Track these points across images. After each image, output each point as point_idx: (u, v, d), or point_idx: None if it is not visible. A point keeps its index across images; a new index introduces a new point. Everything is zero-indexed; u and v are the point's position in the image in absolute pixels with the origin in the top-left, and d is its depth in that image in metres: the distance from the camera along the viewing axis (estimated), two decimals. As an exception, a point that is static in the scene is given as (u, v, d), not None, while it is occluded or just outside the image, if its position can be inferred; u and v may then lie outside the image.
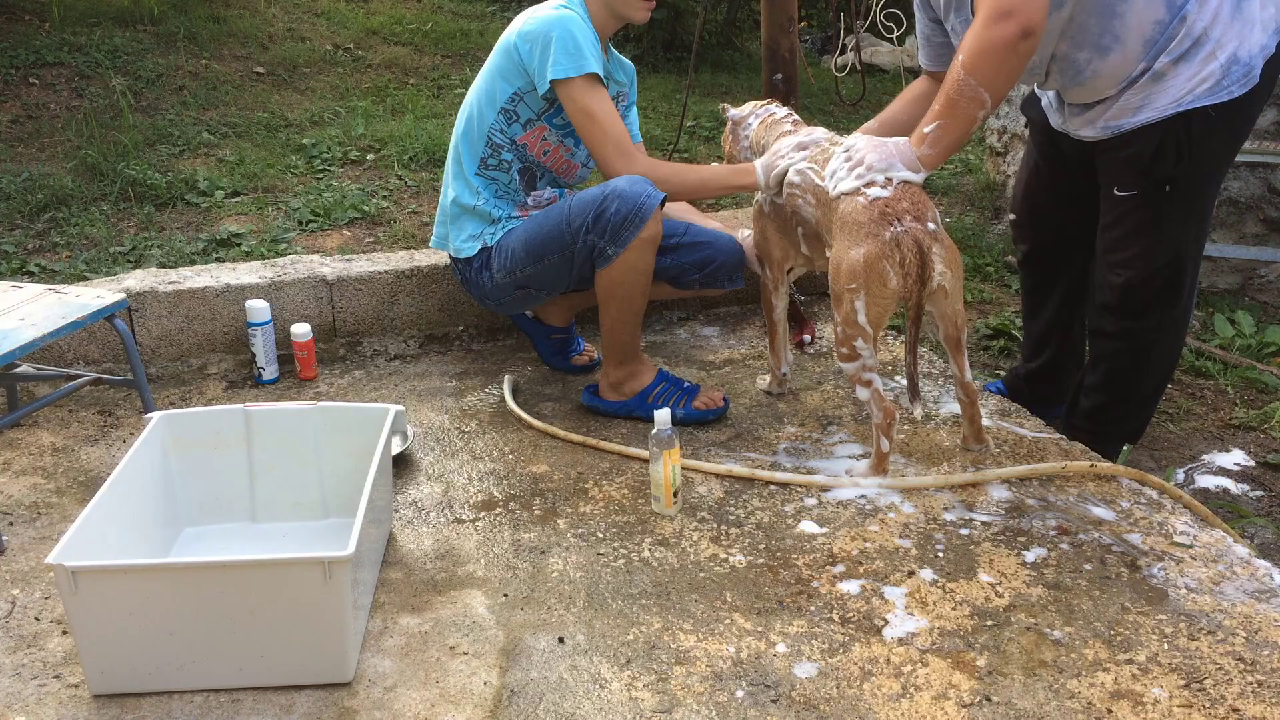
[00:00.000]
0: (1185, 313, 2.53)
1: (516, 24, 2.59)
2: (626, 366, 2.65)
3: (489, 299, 2.75)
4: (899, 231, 2.17)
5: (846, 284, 2.22)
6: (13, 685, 1.78)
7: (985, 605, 1.93)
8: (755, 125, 2.72)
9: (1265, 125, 3.81)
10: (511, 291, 2.69)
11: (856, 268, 2.20)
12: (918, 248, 2.17)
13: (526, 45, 2.52)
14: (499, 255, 2.66)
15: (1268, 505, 2.58)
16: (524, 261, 2.62)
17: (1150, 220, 2.41)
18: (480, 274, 2.70)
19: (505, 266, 2.65)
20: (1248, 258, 3.81)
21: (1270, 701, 1.68)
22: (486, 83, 2.64)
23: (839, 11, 4.89)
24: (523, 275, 2.64)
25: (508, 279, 2.66)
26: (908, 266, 2.17)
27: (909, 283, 2.18)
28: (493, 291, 2.71)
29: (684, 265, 2.69)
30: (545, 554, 2.12)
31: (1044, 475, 2.34)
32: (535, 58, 2.51)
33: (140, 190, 4.18)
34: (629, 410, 2.65)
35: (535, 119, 2.62)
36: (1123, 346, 2.54)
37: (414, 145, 4.76)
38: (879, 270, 2.18)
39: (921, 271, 2.18)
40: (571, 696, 1.73)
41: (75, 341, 2.90)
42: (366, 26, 6.88)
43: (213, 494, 2.19)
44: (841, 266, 2.23)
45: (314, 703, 1.73)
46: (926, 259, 2.17)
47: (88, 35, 5.89)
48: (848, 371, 2.31)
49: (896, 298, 2.22)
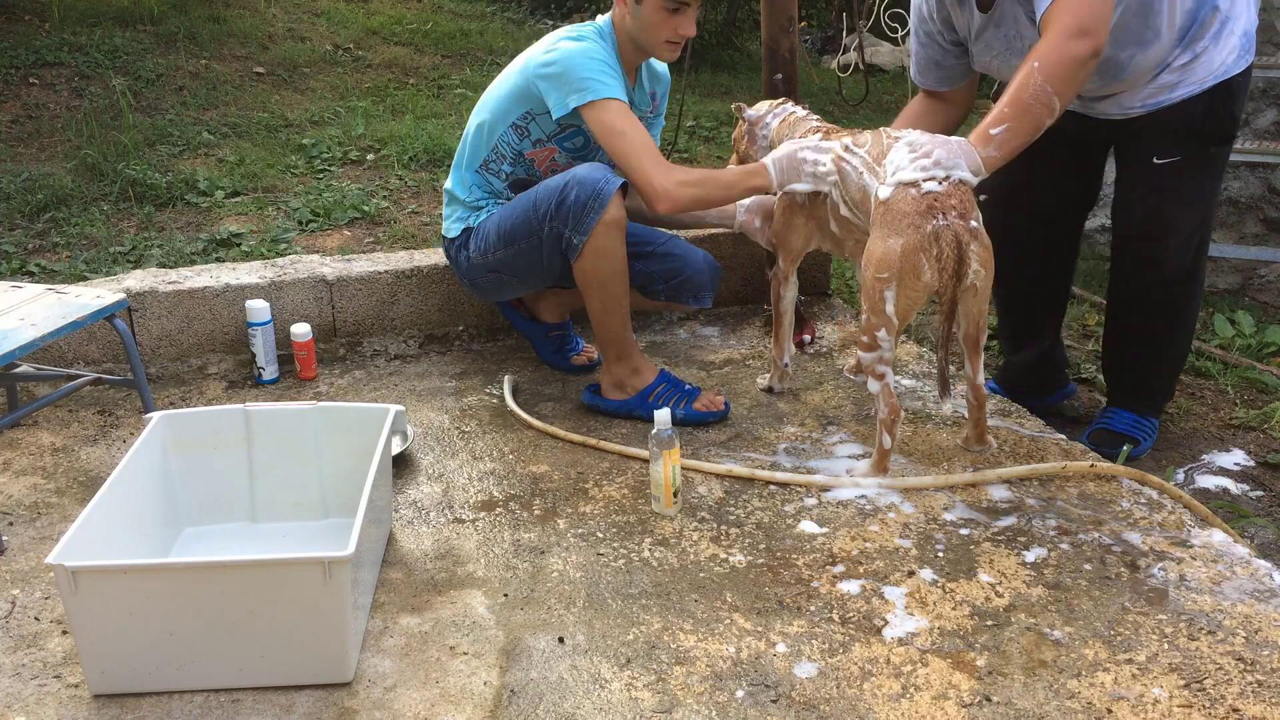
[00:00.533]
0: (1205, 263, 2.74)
1: (539, 50, 2.59)
2: (625, 363, 2.65)
3: (466, 279, 2.83)
4: (940, 225, 2.17)
5: (878, 273, 2.23)
6: (13, 685, 1.78)
7: (985, 605, 1.93)
8: (775, 124, 2.71)
9: (1265, 125, 3.81)
10: (485, 274, 2.75)
11: (892, 257, 2.20)
12: (957, 243, 2.18)
13: (544, 79, 2.54)
14: (477, 237, 2.73)
15: (1268, 505, 2.58)
16: (496, 246, 2.68)
17: (1190, 183, 2.55)
18: (460, 252, 2.79)
19: (480, 249, 2.72)
20: (1248, 258, 3.81)
21: (1270, 701, 1.68)
22: (503, 100, 2.67)
23: (841, 11, 4.89)
24: (495, 259, 2.69)
25: (482, 261, 2.72)
26: (944, 261, 2.18)
27: (945, 278, 2.19)
28: (469, 271, 2.79)
29: (652, 274, 2.73)
30: (545, 554, 2.12)
31: (1044, 475, 2.34)
32: (554, 91, 2.52)
33: (140, 190, 4.18)
34: (630, 409, 2.65)
35: (545, 140, 2.67)
36: (1161, 311, 2.67)
37: (414, 145, 4.77)
38: (914, 262, 2.19)
39: (958, 268, 2.19)
40: (571, 696, 1.73)
41: (75, 341, 2.90)
42: (366, 26, 6.88)
43: (213, 494, 2.19)
44: (875, 255, 2.24)
45: (314, 703, 1.73)
46: (964, 255, 2.18)
47: (88, 35, 5.89)
48: (865, 361, 2.31)
49: (928, 291, 2.23)
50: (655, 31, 2.53)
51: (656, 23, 2.51)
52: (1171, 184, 2.55)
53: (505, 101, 2.66)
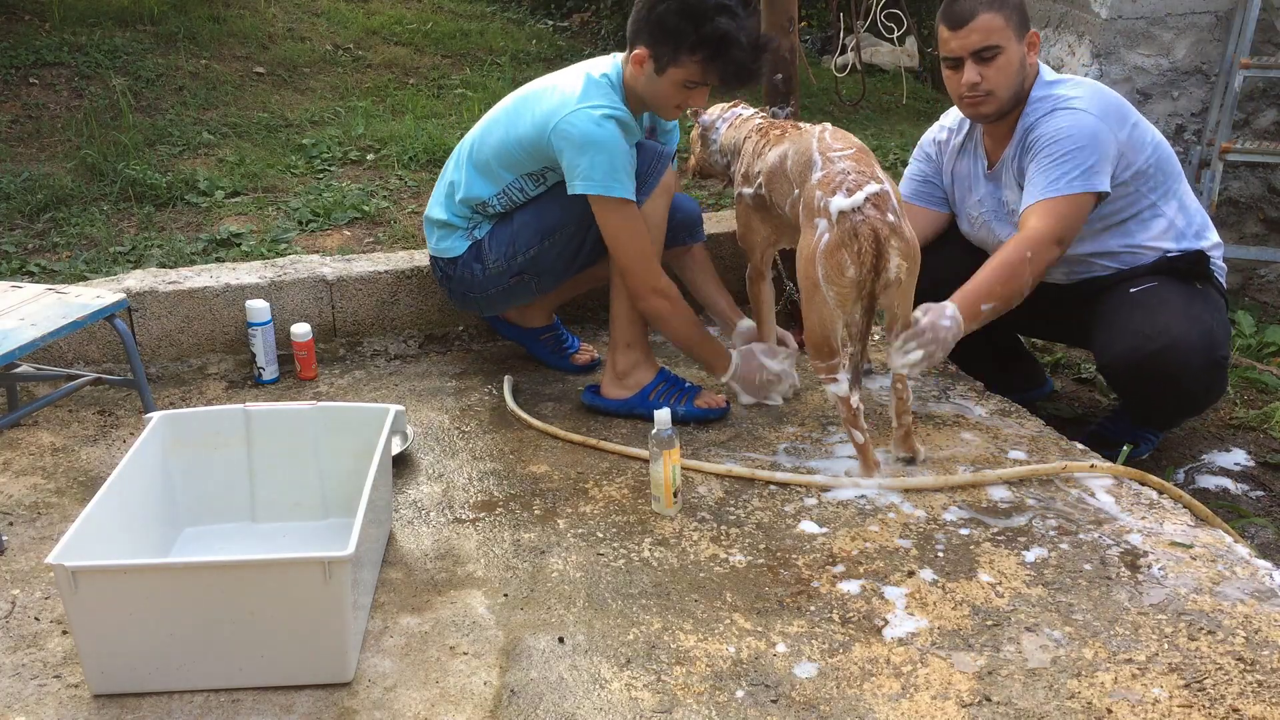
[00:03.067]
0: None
1: (560, 113, 2.47)
2: (634, 350, 2.65)
3: (473, 293, 2.74)
4: (858, 221, 2.18)
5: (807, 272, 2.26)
6: (13, 685, 1.78)
7: (985, 605, 1.93)
8: (724, 129, 2.74)
9: (1265, 125, 3.81)
10: (505, 280, 2.69)
11: (817, 256, 2.23)
12: (875, 238, 2.18)
13: (561, 145, 2.47)
14: (495, 243, 2.66)
15: (1268, 505, 2.58)
16: (530, 243, 2.62)
17: (1178, 299, 2.49)
18: (468, 268, 2.70)
19: (505, 254, 2.65)
20: (1248, 258, 3.81)
21: (1270, 701, 1.68)
22: (516, 150, 2.58)
23: (839, 11, 4.89)
24: (524, 259, 2.64)
25: (505, 266, 2.66)
26: (863, 256, 2.18)
27: (863, 272, 2.19)
28: (482, 284, 2.71)
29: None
30: (545, 554, 2.12)
31: (1044, 475, 2.34)
32: (565, 160, 2.48)
33: (140, 190, 4.17)
34: (630, 408, 2.65)
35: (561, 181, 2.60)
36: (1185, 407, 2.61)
37: (414, 145, 4.76)
38: (837, 260, 2.20)
39: (877, 263, 2.19)
40: (571, 696, 1.73)
41: (75, 341, 2.90)
42: (366, 26, 6.88)
43: (213, 494, 2.19)
44: (802, 254, 2.27)
45: (314, 703, 1.73)
46: (883, 250, 2.18)
47: (88, 35, 5.89)
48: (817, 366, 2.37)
49: (856, 287, 2.22)
50: (666, 100, 2.52)
51: (670, 94, 2.50)
52: (1157, 301, 2.48)
53: (519, 152, 2.58)
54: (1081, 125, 2.45)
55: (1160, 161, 2.57)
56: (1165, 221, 2.59)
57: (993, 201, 2.68)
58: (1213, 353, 2.42)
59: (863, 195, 2.19)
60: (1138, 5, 3.53)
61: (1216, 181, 3.64)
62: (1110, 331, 2.51)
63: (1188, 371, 2.40)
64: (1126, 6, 3.52)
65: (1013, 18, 2.47)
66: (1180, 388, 2.44)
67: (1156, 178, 2.56)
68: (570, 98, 2.49)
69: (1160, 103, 3.65)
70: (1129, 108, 2.56)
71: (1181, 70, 3.64)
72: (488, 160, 2.63)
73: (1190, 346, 2.39)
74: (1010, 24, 2.47)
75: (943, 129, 2.81)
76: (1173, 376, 2.40)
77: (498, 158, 2.61)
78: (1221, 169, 3.64)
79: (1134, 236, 2.59)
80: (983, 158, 2.69)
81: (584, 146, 2.44)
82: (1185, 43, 3.60)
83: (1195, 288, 2.55)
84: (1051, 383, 3.08)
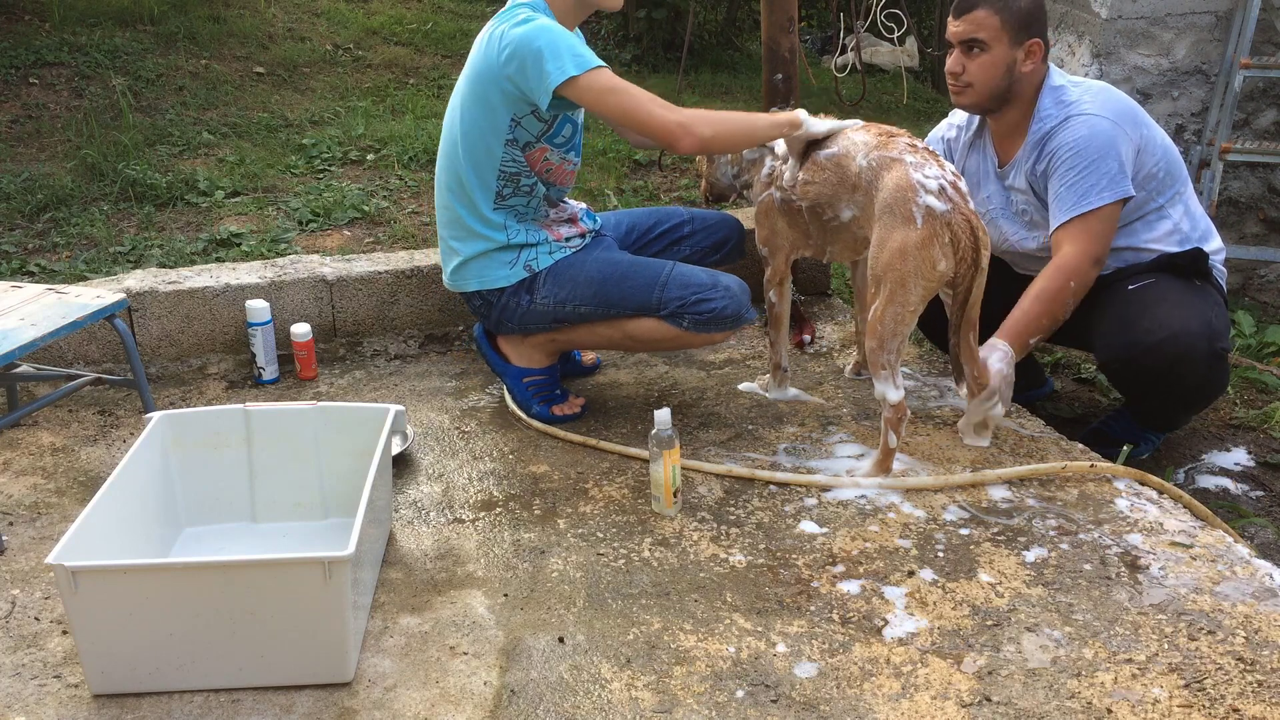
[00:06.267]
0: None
1: (492, 48, 2.41)
2: (550, 345, 2.68)
3: (510, 322, 2.61)
4: (948, 213, 2.19)
5: (892, 264, 2.24)
6: (13, 685, 1.78)
7: (985, 605, 1.93)
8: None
9: (1265, 125, 3.81)
10: (547, 323, 2.60)
11: (908, 249, 2.21)
12: (970, 229, 2.20)
13: (512, 65, 2.36)
14: (552, 281, 2.55)
15: (1268, 505, 2.58)
16: (586, 300, 2.54)
17: (1174, 294, 2.50)
18: (515, 298, 2.57)
19: (556, 296, 2.55)
20: (1248, 258, 3.81)
21: (1270, 701, 1.68)
22: (480, 116, 2.47)
23: (839, 11, 4.89)
24: (572, 310, 2.55)
25: (551, 309, 2.56)
26: (961, 250, 2.20)
27: (963, 266, 2.22)
28: (523, 316, 2.59)
29: (703, 249, 2.80)
30: (545, 554, 2.12)
31: (1044, 475, 2.34)
32: (529, 76, 2.36)
33: (140, 190, 4.18)
34: (503, 372, 2.71)
35: (535, 141, 2.49)
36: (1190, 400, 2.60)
37: (414, 145, 4.76)
38: (929, 254, 2.20)
39: (975, 256, 2.22)
40: (571, 696, 1.73)
41: (75, 341, 2.90)
42: (366, 26, 6.88)
43: (213, 494, 2.19)
44: (885, 248, 2.25)
45: (314, 703, 1.73)
46: (979, 241, 2.21)
47: (88, 35, 5.89)
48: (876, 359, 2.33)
49: (943, 281, 2.24)
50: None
51: None
52: (1156, 296, 2.49)
53: (482, 123, 2.46)
54: (1099, 132, 2.47)
55: (1169, 165, 2.58)
56: (1170, 224, 2.60)
57: (1001, 199, 2.70)
58: (1213, 344, 2.42)
59: (949, 187, 2.21)
60: (1138, 5, 3.53)
61: (1216, 181, 3.64)
62: (1109, 327, 2.51)
63: (1188, 364, 2.40)
64: (1126, 6, 3.52)
65: (1011, 21, 2.48)
66: (1181, 381, 2.44)
67: (1165, 181, 2.57)
68: (494, 33, 2.43)
69: (1160, 103, 3.65)
70: (1139, 110, 2.58)
71: (1181, 70, 3.64)
72: (467, 154, 2.51)
73: (1190, 339, 2.39)
74: (1006, 26, 2.47)
75: (952, 126, 2.81)
76: (1173, 369, 2.40)
77: (472, 147, 2.50)
78: (1221, 169, 3.65)
79: (1138, 237, 2.60)
80: (993, 156, 2.70)
81: (531, 45, 2.33)
82: (1185, 43, 3.61)
83: (1194, 284, 2.55)
84: (1051, 383, 3.08)
